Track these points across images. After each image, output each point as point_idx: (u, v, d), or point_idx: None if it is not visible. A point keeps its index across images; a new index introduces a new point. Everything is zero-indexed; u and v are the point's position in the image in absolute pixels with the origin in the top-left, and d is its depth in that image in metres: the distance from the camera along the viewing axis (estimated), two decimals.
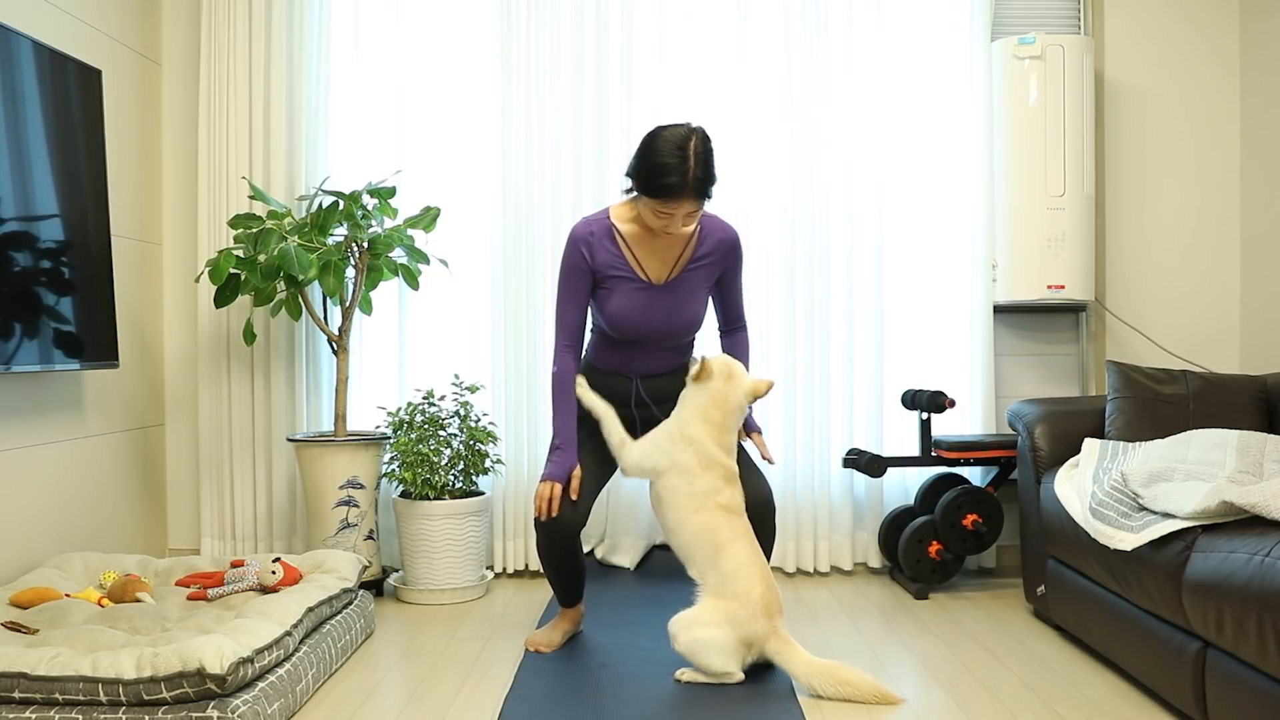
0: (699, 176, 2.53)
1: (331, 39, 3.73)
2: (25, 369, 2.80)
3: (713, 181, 2.59)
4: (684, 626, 2.53)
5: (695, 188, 2.54)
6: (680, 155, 2.52)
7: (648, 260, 2.75)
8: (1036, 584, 3.10)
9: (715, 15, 3.75)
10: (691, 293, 2.78)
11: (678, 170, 2.52)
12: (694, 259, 2.77)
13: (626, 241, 2.74)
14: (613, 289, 2.75)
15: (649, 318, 2.76)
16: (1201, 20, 3.84)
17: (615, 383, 2.86)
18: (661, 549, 3.80)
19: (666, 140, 2.55)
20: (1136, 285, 3.85)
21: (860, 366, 3.75)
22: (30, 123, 2.84)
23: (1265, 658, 1.92)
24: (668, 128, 2.60)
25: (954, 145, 3.78)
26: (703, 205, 2.61)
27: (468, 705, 2.44)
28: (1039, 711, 2.37)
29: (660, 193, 2.54)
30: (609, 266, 2.74)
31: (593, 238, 2.73)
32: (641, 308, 2.75)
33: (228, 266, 3.31)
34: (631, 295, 2.75)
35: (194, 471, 3.83)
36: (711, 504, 2.58)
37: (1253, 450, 2.56)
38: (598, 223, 2.76)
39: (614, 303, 2.75)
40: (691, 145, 2.54)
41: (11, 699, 2.09)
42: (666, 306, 2.76)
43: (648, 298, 2.75)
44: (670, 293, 2.76)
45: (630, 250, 2.74)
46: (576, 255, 2.74)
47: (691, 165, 2.52)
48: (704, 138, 2.58)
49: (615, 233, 2.75)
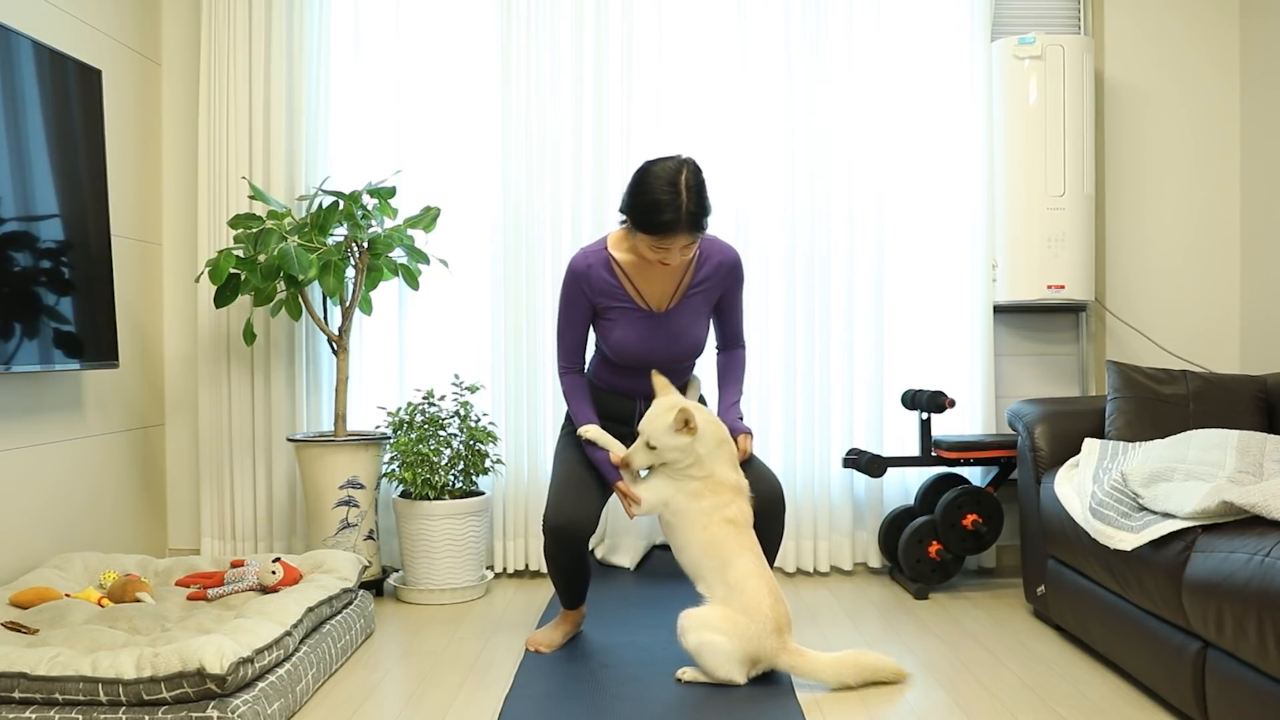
0: (692, 211, 2.54)
1: (331, 39, 3.73)
2: (25, 369, 2.80)
3: (706, 213, 2.59)
4: (695, 625, 2.52)
5: (689, 222, 2.55)
6: (672, 191, 2.53)
7: (647, 289, 2.77)
8: (1036, 584, 3.10)
9: (715, 15, 3.75)
10: (693, 318, 2.79)
11: (671, 206, 2.52)
12: (694, 284, 2.77)
13: (625, 271, 2.75)
14: (615, 320, 2.77)
15: (651, 346, 2.77)
16: (1201, 20, 3.84)
17: (617, 403, 2.89)
18: (662, 549, 3.81)
19: (658, 176, 2.56)
20: (1136, 285, 3.85)
21: (860, 366, 3.75)
22: (30, 123, 2.84)
23: (1265, 658, 1.92)
24: (658, 162, 2.60)
25: (954, 145, 3.78)
26: (698, 237, 2.62)
27: (468, 705, 2.44)
28: (1039, 711, 2.37)
29: (655, 230, 2.56)
30: (608, 298, 2.76)
31: (590, 270, 2.75)
32: (644, 336, 2.76)
33: (228, 266, 3.31)
34: (633, 325, 2.76)
35: (194, 471, 3.83)
36: (718, 519, 2.57)
37: (1253, 450, 2.56)
38: (595, 254, 2.77)
39: (616, 333, 2.77)
40: (683, 179, 2.54)
41: (11, 699, 2.09)
42: (669, 334, 2.77)
43: (649, 326, 2.77)
44: (671, 320, 2.77)
45: (629, 280, 2.76)
46: (575, 289, 2.77)
47: (684, 200, 2.53)
48: (695, 170, 2.59)
49: (613, 263, 2.76)
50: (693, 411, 2.58)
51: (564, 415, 2.95)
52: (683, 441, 2.57)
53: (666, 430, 2.57)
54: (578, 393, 2.83)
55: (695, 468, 2.60)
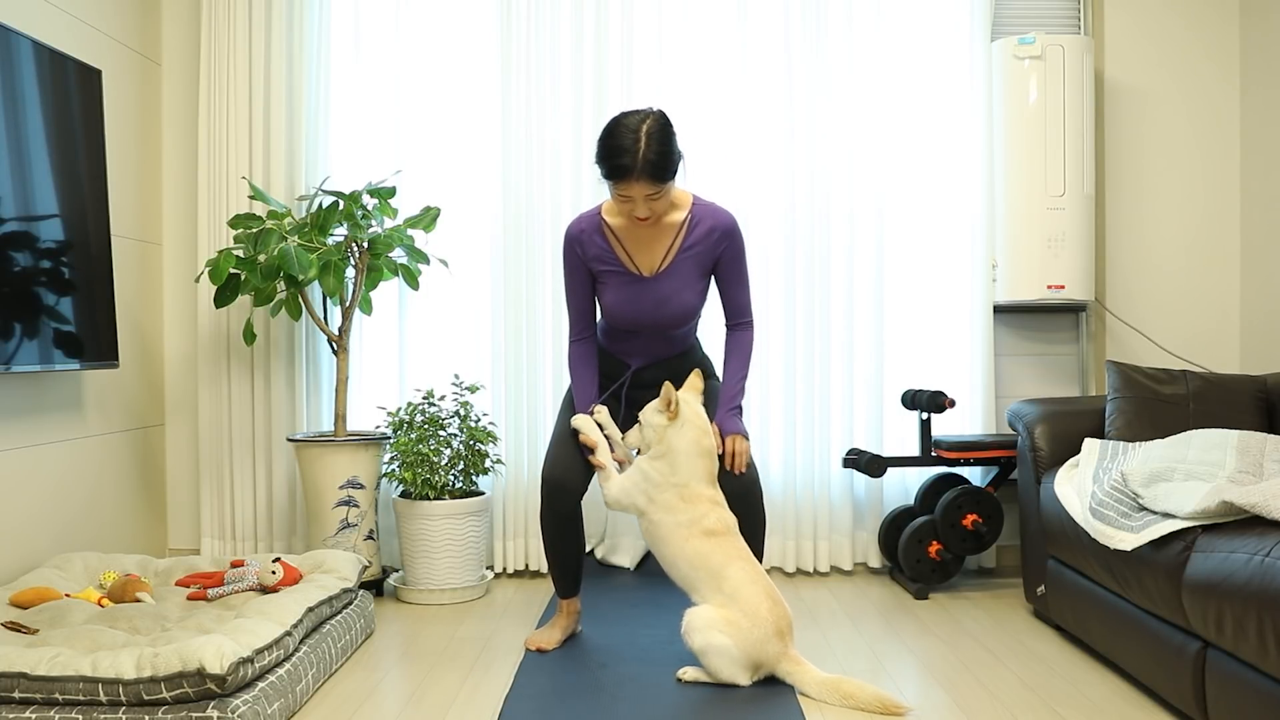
0: (650, 158, 2.53)
1: (331, 39, 3.73)
2: (25, 369, 2.80)
3: (669, 163, 2.57)
4: (701, 625, 2.51)
5: (647, 169, 2.54)
6: (634, 138, 2.54)
7: (637, 252, 2.77)
8: (1036, 584, 3.10)
9: (715, 15, 3.74)
10: (683, 283, 2.77)
11: (630, 151, 2.53)
12: (683, 248, 2.76)
13: (615, 234, 2.77)
14: (607, 282, 2.80)
15: (639, 309, 2.77)
16: (1201, 20, 3.84)
17: (612, 364, 2.93)
18: None
19: (622, 124, 2.58)
20: (1136, 285, 3.85)
21: (860, 366, 3.75)
22: (30, 123, 2.84)
23: (1265, 658, 1.92)
24: (627, 113, 2.62)
25: (954, 145, 3.78)
26: (662, 187, 2.59)
27: (468, 705, 2.44)
28: (1039, 711, 2.37)
29: (614, 174, 2.57)
30: (599, 261, 2.78)
31: (583, 234, 2.79)
32: (632, 299, 2.77)
33: (228, 266, 3.31)
34: (623, 288, 2.78)
35: (194, 471, 3.83)
36: (698, 531, 2.56)
37: (1253, 450, 2.56)
38: (588, 219, 2.80)
39: (608, 295, 2.80)
40: (645, 126, 2.55)
41: (11, 699, 2.09)
42: (656, 298, 2.77)
43: (638, 290, 2.77)
44: (660, 284, 2.77)
45: (619, 243, 2.77)
46: (571, 253, 2.81)
47: (643, 146, 2.53)
48: (660, 119, 2.59)
49: (604, 226, 2.78)
50: (683, 404, 2.62)
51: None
52: (659, 421, 2.62)
53: (654, 407, 2.65)
54: (580, 367, 2.85)
55: (665, 462, 2.60)
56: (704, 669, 2.53)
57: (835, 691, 2.41)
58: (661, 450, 2.61)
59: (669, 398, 2.60)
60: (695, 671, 2.55)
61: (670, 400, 2.60)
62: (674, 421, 2.61)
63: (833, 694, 2.41)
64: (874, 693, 2.39)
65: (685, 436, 2.61)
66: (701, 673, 2.54)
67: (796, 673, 2.49)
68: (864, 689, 2.40)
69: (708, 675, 2.53)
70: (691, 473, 2.60)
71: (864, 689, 2.40)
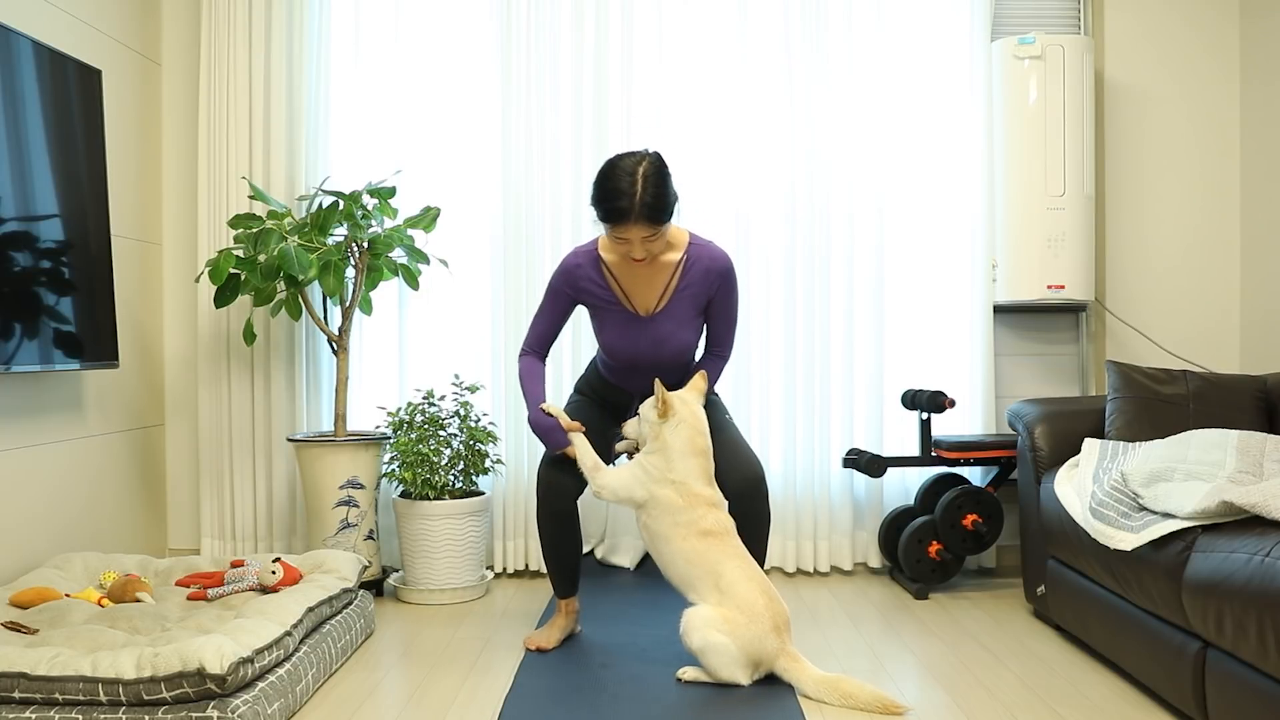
0: (647, 201, 2.56)
1: (331, 39, 3.73)
2: (25, 369, 2.80)
3: (665, 205, 2.60)
4: (699, 625, 2.51)
5: (643, 213, 2.57)
6: (630, 181, 2.56)
7: (634, 290, 2.79)
8: (1036, 584, 3.10)
9: (715, 15, 3.74)
10: (679, 323, 2.79)
11: (626, 195, 2.56)
12: (679, 289, 2.78)
13: (612, 272, 2.78)
14: (604, 320, 2.82)
15: (638, 349, 2.80)
16: (1201, 20, 3.84)
17: (617, 394, 2.94)
18: None
19: (618, 167, 2.60)
20: (1136, 285, 3.85)
21: (860, 366, 3.75)
22: (30, 123, 2.84)
23: (1265, 658, 1.92)
24: (623, 155, 2.63)
25: (954, 145, 3.78)
26: (658, 230, 2.62)
27: (468, 705, 2.44)
28: (1039, 711, 2.37)
29: (610, 217, 2.60)
30: (595, 297, 2.80)
31: (579, 269, 2.80)
32: (631, 339, 2.80)
33: (228, 266, 3.31)
34: (621, 327, 2.80)
35: (194, 471, 3.83)
36: (695, 531, 2.58)
37: (1253, 450, 2.56)
38: (586, 254, 2.81)
39: (606, 334, 2.83)
40: (641, 170, 2.57)
41: (11, 699, 2.09)
42: (655, 338, 2.79)
43: (637, 330, 2.79)
44: (658, 324, 2.79)
45: (616, 280, 2.78)
46: (560, 284, 2.83)
47: (639, 190, 2.55)
48: (656, 162, 2.61)
49: (601, 263, 2.78)
50: (682, 403, 2.65)
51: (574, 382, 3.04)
52: (654, 416, 2.65)
53: (650, 404, 2.68)
54: (532, 376, 2.86)
55: (659, 457, 2.62)
56: (703, 668, 2.53)
57: (834, 690, 2.41)
58: (657, 446, 2.64)
59: (661, 396, 2.63)
60: (695, 671, 2.55)
61: (661, 399, 2.63)
62: (669, 419, 2.63)
63: (831, 693, 2.41)
64: (873, 692, 2.39)
65: (680, 435, 2.63)
66: (701, 672, 2.54)
67: (794, 670, 2.49)
68: (863, 688, 2.40)
69: (707, 675, 2.53)
70: (687, 471, 2.61)
71: (863, 688, 2.40)
